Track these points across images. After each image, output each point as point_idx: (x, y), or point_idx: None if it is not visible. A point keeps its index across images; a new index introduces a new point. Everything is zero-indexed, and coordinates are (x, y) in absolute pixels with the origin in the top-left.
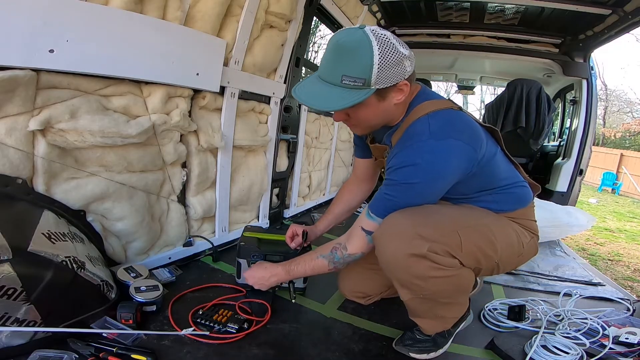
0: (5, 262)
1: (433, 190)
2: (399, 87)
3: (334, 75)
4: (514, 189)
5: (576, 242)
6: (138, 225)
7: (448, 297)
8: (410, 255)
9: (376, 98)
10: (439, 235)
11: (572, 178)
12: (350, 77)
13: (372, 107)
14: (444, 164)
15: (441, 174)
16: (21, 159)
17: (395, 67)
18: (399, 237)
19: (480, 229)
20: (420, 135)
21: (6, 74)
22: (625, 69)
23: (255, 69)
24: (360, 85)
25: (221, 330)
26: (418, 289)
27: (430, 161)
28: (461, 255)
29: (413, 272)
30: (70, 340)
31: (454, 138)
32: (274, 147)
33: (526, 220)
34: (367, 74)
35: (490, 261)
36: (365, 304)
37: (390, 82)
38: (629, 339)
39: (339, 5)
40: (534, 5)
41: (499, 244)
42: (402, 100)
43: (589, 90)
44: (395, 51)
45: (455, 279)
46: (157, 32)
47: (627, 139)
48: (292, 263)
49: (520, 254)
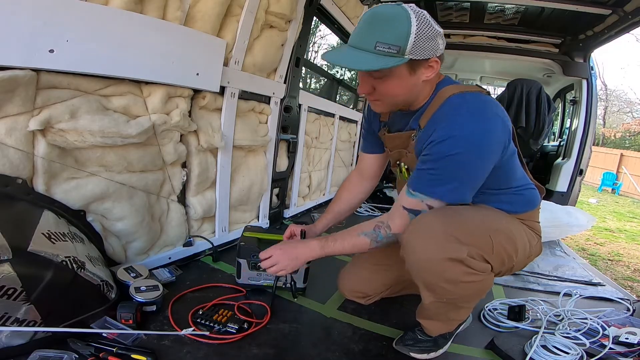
0: (5, 262)
1: (477, 163)
2: (430, 63)
3: (368, 42)
4: (525, 190)
5: (576, 242)
6: (138, 225)
7: (467, 301)
8: (447, 259)
9: (407, 70)
10: (474, 238)
11: (572, 178)
12: (385, 43)
13: (401, 80)
14: (487, 135)
15: (484, 145)
16: (21, 159)
17: (430, 41)
18: (434, 239)
19: (506, 231)
20: (458, 108)
21: (6, 74)
22: (625, 69)
23: (255, 69)
24: (394, 52)
25: (221, 330)
26: (444, 292)
27: (472, 131)
28: (493, 259)
29: (446, 276)
30: (70, 340)
31: (494, 113)
32: (274, 147)
33: (533, 222)
34: (403, 42)
35: (511, 263)
36: (365, 303)
37: (424, 55)
38: (629, 339)
39: (339, 5)
40: (534, 5)
41: (519, 246)
42: (430, 78)
43: (589, 90)
44: (431, 26)
45: (482, 284)
46: (157, 32)
47: (627, 139)
48: (329, 239)
49: (530, 255)
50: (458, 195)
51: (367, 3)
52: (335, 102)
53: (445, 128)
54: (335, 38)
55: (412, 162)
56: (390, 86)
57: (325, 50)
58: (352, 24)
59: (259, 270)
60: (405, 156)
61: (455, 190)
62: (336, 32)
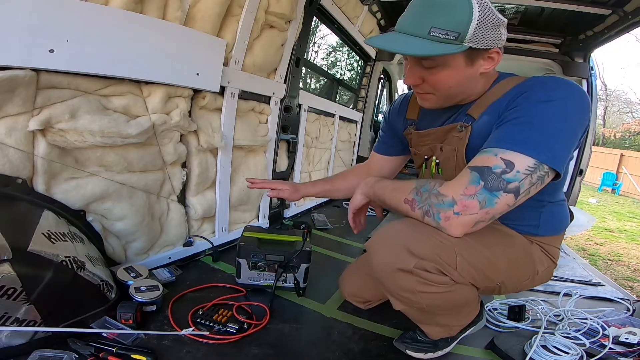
0: (5, 262)
1: (574, 117)
2: (491, 54)
3: (421, 27)
4: (561, 207)
5: (576, 242)
6: (138, 225)
7: (446, 310)
8: (397, 270)
9: (465, 60)
10: (430, 251)
11: (572, 178)
12: (442, 29)
13: (457, 70)
14: (584, 95)
15: (583, 103)
16: (21, 159)
17: (493, 30)
18: (389, 249)
19: (481, 249)
20: (543, 79)
21: (6, 74)
22: (625, 69)
23: (255, 69)
24: (452, 39)
25: (221, 330)
26: (408, 301)
27: (569, 86)
28: (454, 274)
29: (402, 285)
30: (70, 340)
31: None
32: (274, 147)
33: (551, 247)
34: (463, 28)
35: (490, 283)
36: (364, 308)
37: (485, 44)
38: (629, 339)
39: (339, 5)
40: (534, 5)
41: (504, 267)
42: (488, 71)
43: (589, 90)
44: (494, 13)
45: (449, 295)
46: (157, 32)
47: (627, 139)
48: (382, 182)
49: (529, 278)
50: (547, 150)
51: (367, 3)
52: (335, 102)
53: (532, 94)
54: (335, 38)
55: (448, 157)
56: (443, 77)
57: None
58: (352, 24)
59: (258, 270)
60: (440, 151)
61: (544, 144)
62: (336, 32)
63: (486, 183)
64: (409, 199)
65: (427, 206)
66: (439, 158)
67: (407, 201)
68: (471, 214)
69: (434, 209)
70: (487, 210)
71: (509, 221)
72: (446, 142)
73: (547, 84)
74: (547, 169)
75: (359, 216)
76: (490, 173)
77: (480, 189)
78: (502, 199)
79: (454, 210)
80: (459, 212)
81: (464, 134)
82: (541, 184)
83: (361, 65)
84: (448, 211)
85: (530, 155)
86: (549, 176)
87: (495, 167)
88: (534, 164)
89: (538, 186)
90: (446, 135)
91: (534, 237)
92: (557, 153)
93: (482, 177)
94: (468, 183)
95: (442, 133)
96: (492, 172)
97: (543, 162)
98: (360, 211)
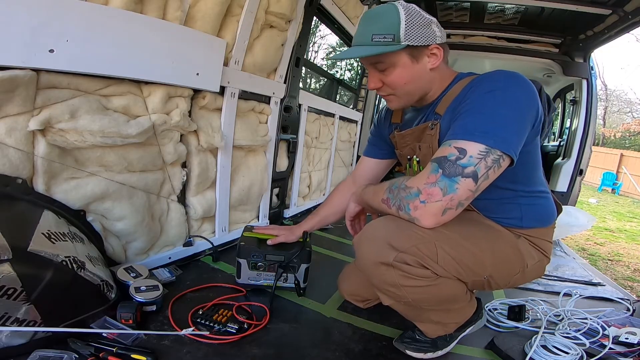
0: (5, 262)
1: (517, 104)
2: (432, 50)
3: (365, 37)
4: (542, 199)
5: (576, 242)
6: (138, 225)
7: (434, 305)
8: (379, 263)
9: (409, 58)
10: (410, 244)
11: (572, 178)
12: (380, 34)
13: (406, 68)
14: (527, 84)
15: (526, 90)
16: (21, 159)
17: (423, 28)
18: (372, 243)
19: (463, 242)
20: (491, 74)
21: (6, 74)
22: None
23: (255, 69)
24: (390, 40)
25: (221, 330)
26: (395, 295)
27: (512, 76)
28: (435, 267)
29: (386, 280)
30: (70, 340)
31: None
32: (274, 147)
33: (541, 240)
34: (395, 29)
35: (476, 277)
36: (363, 307)
37: (421, 41)
38: (629, 339)
39: (339, 5)
40: (534, 5)
41: (489, 260)
42: (437, 66)
43: (589, 90)
44: (421, 14)
45: (433, 288)
46: (157, 32)
47: (627, 139)
48: (368, 189)
49: (518, 272)
50: (494, 136)
51: (367, 3)
52: (335, 102)
53: (479, 87)
54: (335, 38)
55: (426, 154)
56: (396, 76)
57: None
58: (352, 24)
59: (258, 270)
60: (419, 150)
61: (491, 130)
62: (336, 32)
63: (444, 170)
64: (384, 198)
65: (398, 201)
66: (419, 156)
67: (384, 200)
68: (436, 201)
69: (404, 202)
70: (450, 196)
71: (492, 215)
72: (423, 141)
73: (492, 77)
74: (500, 152)
75: (356, 223)
76: (447, 161)
77: (439, 176)
78: (462, 183)
79: (420, 199)
80: (425, 201)
81: (434, 131)
82: (498, 167)
83: (361, 65)
84: (415, 201)
85: (480, 142)
86: (503, 159)
87: (450, 155)
88: (485, 149)
89: (495, 170)
90: (422, 134)
91: (520, 229)
92: (506, 138)
93: (440, 166)
94: (429, 173)
95: (418, 132)
96: (447, 160)
97: (493, 147)
98: (357, 218)
